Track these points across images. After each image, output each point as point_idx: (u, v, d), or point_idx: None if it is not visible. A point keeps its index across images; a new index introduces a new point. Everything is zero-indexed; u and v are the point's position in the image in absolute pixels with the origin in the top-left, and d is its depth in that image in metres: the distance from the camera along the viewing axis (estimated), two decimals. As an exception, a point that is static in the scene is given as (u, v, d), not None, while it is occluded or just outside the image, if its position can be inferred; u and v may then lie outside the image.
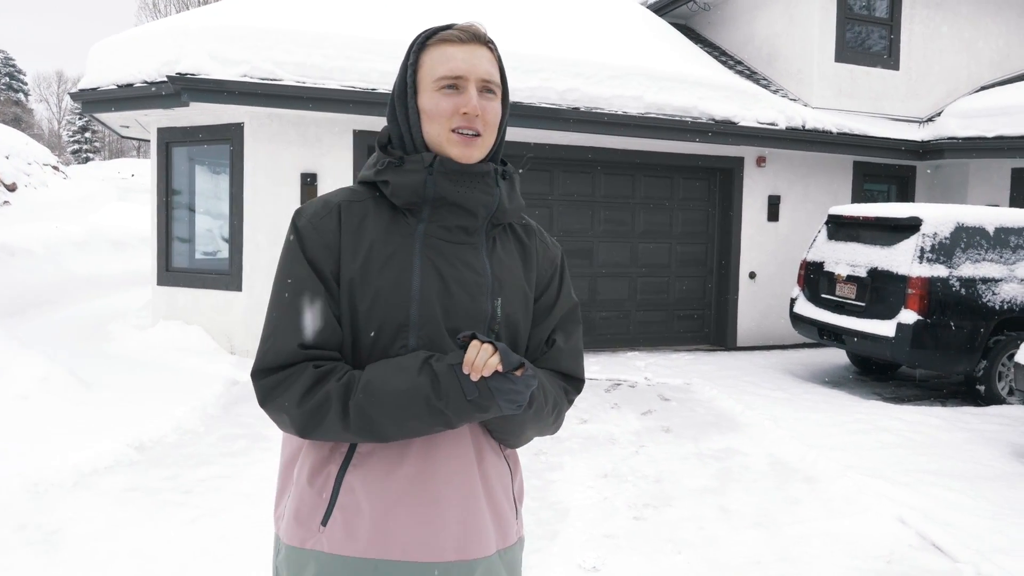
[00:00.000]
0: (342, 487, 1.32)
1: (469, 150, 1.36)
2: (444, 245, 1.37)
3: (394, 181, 1.36)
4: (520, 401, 1.28)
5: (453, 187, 1.35)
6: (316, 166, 7.63)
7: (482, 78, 1.36)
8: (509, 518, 1.45)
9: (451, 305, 1.34)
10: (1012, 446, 5.53)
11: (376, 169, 1.40)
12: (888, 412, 6.38)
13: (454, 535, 1.33)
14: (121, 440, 4.81)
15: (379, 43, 7.31)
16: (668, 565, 3.57)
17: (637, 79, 8.17)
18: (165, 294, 8.04)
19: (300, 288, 1.32)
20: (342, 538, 1.31)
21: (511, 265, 1.44)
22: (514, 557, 1.46)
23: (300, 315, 1.31)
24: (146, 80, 7.18)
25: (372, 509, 1.31)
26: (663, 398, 6.80)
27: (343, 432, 1.28)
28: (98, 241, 14.22)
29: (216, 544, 3.60)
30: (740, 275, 9.45)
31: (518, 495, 1.51)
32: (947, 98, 10.26)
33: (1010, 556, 3.69)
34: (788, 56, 9.96)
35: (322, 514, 1.33)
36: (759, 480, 4.75)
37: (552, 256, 1.53)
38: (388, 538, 1.30)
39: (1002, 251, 6.82)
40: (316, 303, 1.31)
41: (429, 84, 1.36)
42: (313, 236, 1.34)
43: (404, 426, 1.27)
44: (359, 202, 1.38)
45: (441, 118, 1.35)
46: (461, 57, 1.35)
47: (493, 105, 1.38)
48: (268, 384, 1.29)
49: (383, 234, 1.35)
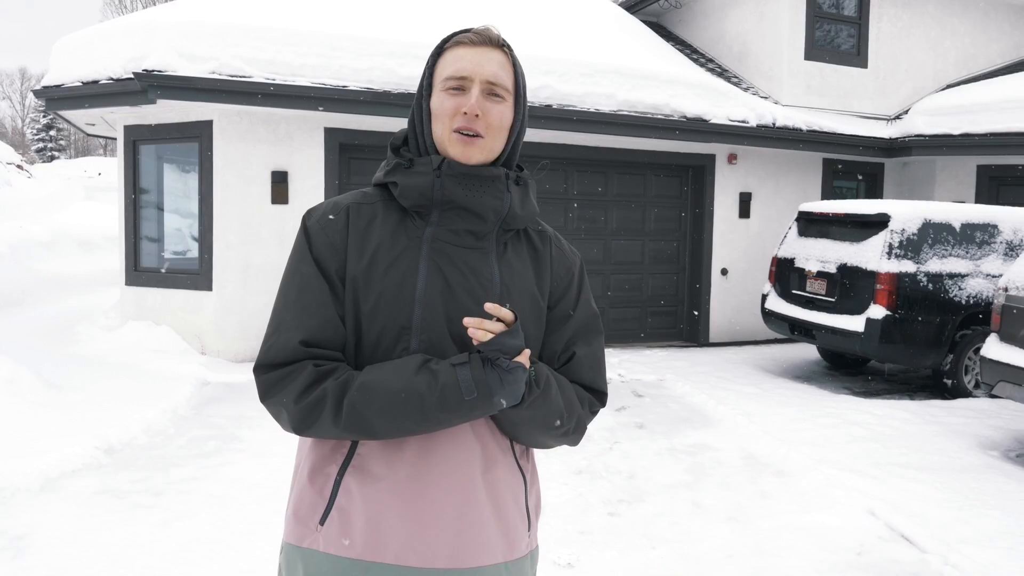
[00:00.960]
0: (340, 488, 1.33)
1: (468, 150, 1.35)
2: (452, 249, 1.36)
3: (402, 183, 1.36)
4: (516, 393, 1.26)
5: (462, 190, 1.34)
6: (287, 164, 7.56)
7: (487, 80, 1.35)
8: (519, 529, 1.42)
9: (455, 309, 1.33)
10: (978, 438, 5.63)
11: (386, 171, 1.41)
12: (858, 406, 6.46)
13: (448, 542, 1.32)
14: (89, 443, 4.73)
15: (351, 40, 7.26)
16: (642, 560, 3.59)
17: (609, 77, 8.19)
18: (134, 294, 7.92)
19: (305, 286, 1.33)
20: (337, 539, 1.32)
21: (522, 271, 1.42)
22: (522, 570, 1.43)
23: (304, 313, 1.32)
24: (112, 77, 7.06)
25: (367, 512, 1.30)
26: (637, 394, 6.83)
27: (334, 428, 1.27)
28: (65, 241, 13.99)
29: (187, 547, 3.56)
30: (712, 272, 9.52)
31: (533, 507, 1.48)
32: (914, 96, 10.41)
33: (976, 546, 3.76)
34: (758, 54, 10.04)
35: (320, 513, 1.34)
36: (731, 475, 4.79)
37: (569, 264, 1.50)
38: (381, 541, 1.30)
39: (968, 247, 6.94)
40: (320, 302, 1.32)
41: (439, 84, 1.37)
42: (320, 236, 1.35)
43: (398, 425, 1.26)
44: (368, 204, 1.39)
45: (444, 117, 1.35)
46: (469, 58, 1.35)
47: (498, 108, 1.36)
48: (270, 380, 1.31)
49: (390, 236, 1.35)
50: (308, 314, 1.32)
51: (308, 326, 1.31)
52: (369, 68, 7.20)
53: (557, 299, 1.47)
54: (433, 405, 1.24)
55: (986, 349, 5.45)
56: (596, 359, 1.48)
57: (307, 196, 7.57)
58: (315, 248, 1.35)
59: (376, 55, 7.26)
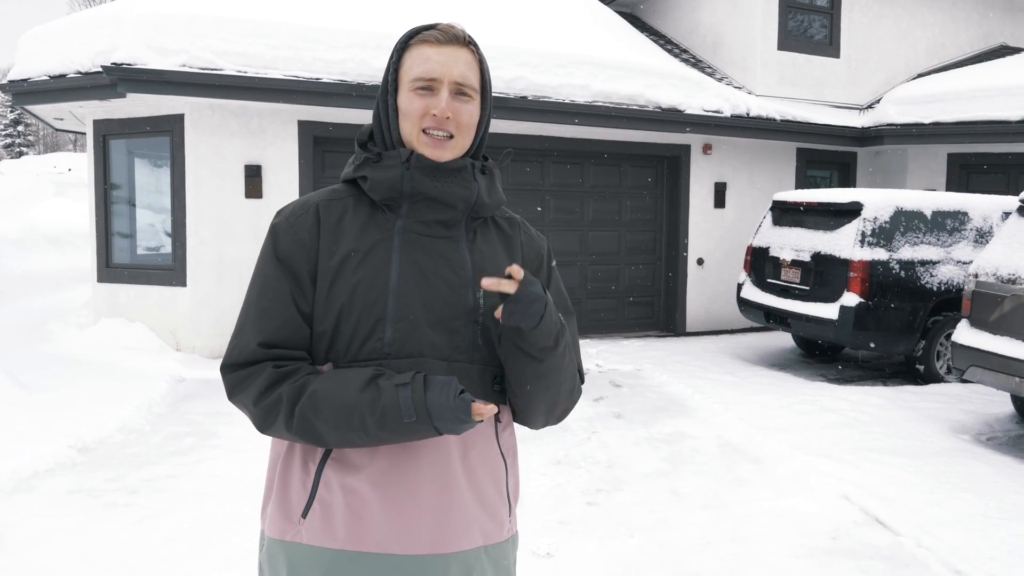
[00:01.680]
0: (321, 480, 1.34)
1: (439, 151, 1.38)
2: (423, 239, 1.38)
3: (372, 176, 1.38)
4: (459, 428, 1.26)
5: (430, 182, 1.37)
6: (260, 157, 7.49)
7: (456, 81, 1.37)
8: (500, 514, 1.44)
9: (431, 298, 1.35)
10: (950, 422, 5.72)
11: (355, 166, 1.43)
12: (832, 393, 6.54)
13: (429, 528, 1.33)
14: (63, 442, 4.67)
15: (324, 31, 7.19)
16: (621, 549, 3.61)
17: (584, 68, 8.19)
18: (106, 291, 7.82)
19: (266, 287, 1.36)
20: (320, 530, 1.33)
21: (493, 256, 1.44)
22: (503, 554, 1.45)
23: (264, 315, 1.34)
24: (80, 70, 6.94)
25: (348, 502, 1.32)
26: (614, 384, 6.86)
27: (288, 433, 1.30)
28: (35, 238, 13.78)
29: (164, 544, 3.53)
30: (688, 262, 9.57)
31: (512, 492, 1.50)
32: (886, 85, 10.51)
33: (949, 528, 3.82)
34: (732, 44, 10.09)
35: (303, 507, 1.35)
36: (709, 462, 4.83)
37: (538, 248, 1.54)
38: (363, 531, 1.32)
39: (939, 234, 7.03)
40: (281, 303, 1.34)
41: (406, 83, 1.38)
42: (288, 234, 1.37)
43: (344, 437, 1.27)
44: (338, 200, 1.41)
45: (413, 117, 1.37)
46: (437, 59, 1.36)
47: (467, 107, 1.39)
48: (233, 380, 1.34)
49: (361, 230, 1.37)
50: (268, 316, 1.34)
51: (267, 328, 1.33)
52: (343, 60, 7.14)
53: None
54: (374, 424, 1.25)
55: (957, 335, 5.53)
56: (573, 340, 1.50)
57: (281, 190, 7.51)
58: (281, 247, 1.37)
59: (350, 47, 7.20)
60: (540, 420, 1.48)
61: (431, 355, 1.34)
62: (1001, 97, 9.03)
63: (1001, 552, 3.58)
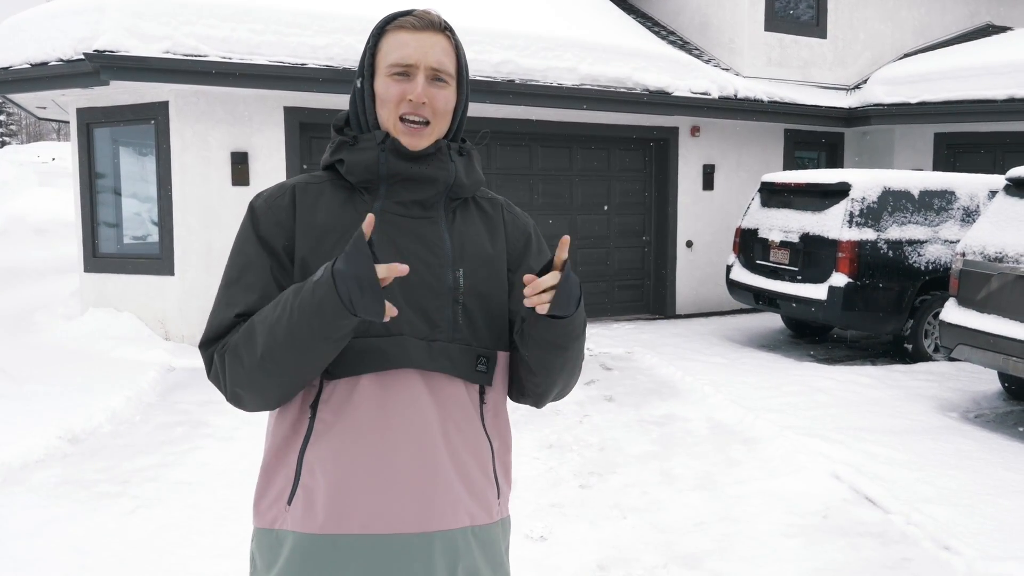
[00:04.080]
0: (303, 466, 1.35)
1: (416, 139, 1.38)
2: (401, 220, 1.39)
3: (348, 159, 1.39)
4: (363, 294, 1.18)
5: (406, 163, 1.38)
6: (247, 144, 7.43)
7: (432, 66, 1.37)
8: (487, 495, 1.44)
9: (409, 278, 1.34)
10: (938, 400, 5.76)
11: (331, 150, 1.44)
12: (822, 373, 6.58)
13: (413, 506, 1.33)
14: (52, 433, 4.64)
15: (309, 16, 7.11)
16: (614, 530, 3.63)
17: (571, 50, 8.15)
18: (93, 281, 7.76)
19: (247, 265, 1.37)
20: (303, 515, 1.33)
21: (474, 236, 1.45)
22: (491, 537, 1.44)
23: (246, 290, 1.35)
24: (62, 58, 6.85)
25: (329, 485, 1.32)
26: (605, 367, 6.88)
27: (240, 374, 1.28)
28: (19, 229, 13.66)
29: (156, 534, 3.52)
30: (678, 244, 9.58)
31: (501, 473, 1.50)
32: (873, 65, 10.52)
33: (937, 504, 3.86)
34: (719, 26, 10.05)
35: (288, 494, 1.36)
36: (700, 444, 4.86)
37: (523, 226, 1.54)
38: (346, 512, 1.32)
39: (927, 214, 7.06)
40: (262, 278, 1.35)
41: (383, 69, 1.38)
42: (267, 215, 1.38)
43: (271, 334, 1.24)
44: (315, 183, 1.43)
45: (390, 103, 1.37)
46: (413, 45, 1.37)
47: (443, 93, 1.39)
48: (209, 354, 1.35)
49: (338, 212, 1.38)
50: (248, 288, 1.35)
51: (247, 301, 1.34)
52: (328, 45, 7.07)
53: (518, 261, 1.50)
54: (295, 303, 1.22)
55: (945, 313, 5.57)
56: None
57: (268, 177, 7.46)
58: (261, 227, 1.38)
59: (335, 32, 7.14)
60: (551, 399, 1.53)
61: (410, 334, 1.34)
62: (987, 76, 9.05)
63: (989, 527, 3.62)
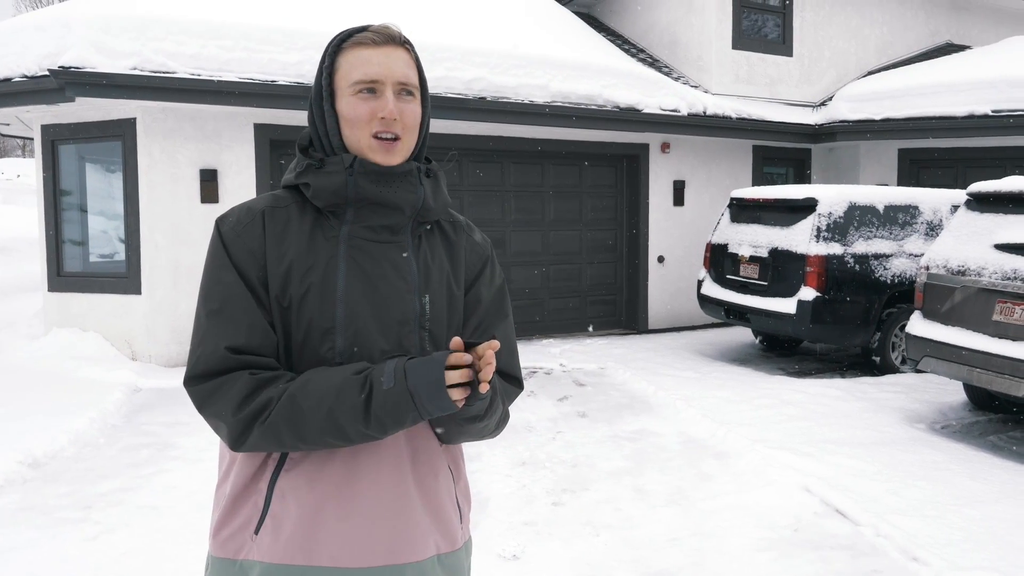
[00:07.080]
0: (274, 494, 1.31)
1: (390, 156, 1.36)
2: (369, 245, 1.36)
3: (315, 183, 1.35)
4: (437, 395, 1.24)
5: (375, 187, 1.35)
6: (216, 161, 7.36)
7: (399, 81, 1.35)
8: (452, 521, 1.43)
9: (379, 304, 1.33)
10: (905, 412, 5.83)
11: (296, 172, 1.39)
12: (792, 386, 6.63)
13: (383, 539, 1.31)
14: (12, 457, 4.52)
15: (279, 33, 7.09)
16: (587, 548, 3.62)
17: (542, 68, 8.20)
18: (57, 300, 7.62)
19: (229, 295, 1.31)
20: (271, 545, 1.30)
21: (439, 262, 1.44)
22: (457, 563, 1.44)
23: (230, 321, 1.30)
24: (26, 74, 6.74)
25: (300, 515, 1.29)
26: (578, 383, 6.88)
27: (268, 442, 1.26)
28: (-18, 247, 13.38)
29: (117, 560, 3.44)
30: (649, 259, 9.64)
31: (463, 498, 1.49)
32: (838, 83, 10.71)
33: (906, 516, 3.90)
34: (688, 43, 10.19)
35: (256, 523, 1.32)
36: (672, 459, 4.86)
37: (480, 251, 1.53)
38: (316, 544, 1.29)
39: (892, 228, 7.18)
40: (245, 308, 1.30)
41: (346, 88, 1.35)
42: (237, 243, 1.34)
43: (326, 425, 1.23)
44: (282, 208, 1.38)
45: (360, 123, 1.34)
46: (377, 60, 1.34)
47: (411, 107, 1.37)
48: (204, 391, 1.28)
49: (307, 238, 1.35)
50: (235, 321, 1.29)
51: (235, 333, 1.29)
52: (299, 62, 7.05)
53: (470, 285, 1.50)
54: (361, 401, 1.24)
55: (911, 326, 5.65)
56: (510, 345, 1.51)
57: (238, 194, 7.39)
58: (233, 254, 1.33)
59: (305, 48, 7.11)
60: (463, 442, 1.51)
61: (380, 361, 1.32)
62: (947, 94, 9.25)
63: (957, 538, 3.66)
